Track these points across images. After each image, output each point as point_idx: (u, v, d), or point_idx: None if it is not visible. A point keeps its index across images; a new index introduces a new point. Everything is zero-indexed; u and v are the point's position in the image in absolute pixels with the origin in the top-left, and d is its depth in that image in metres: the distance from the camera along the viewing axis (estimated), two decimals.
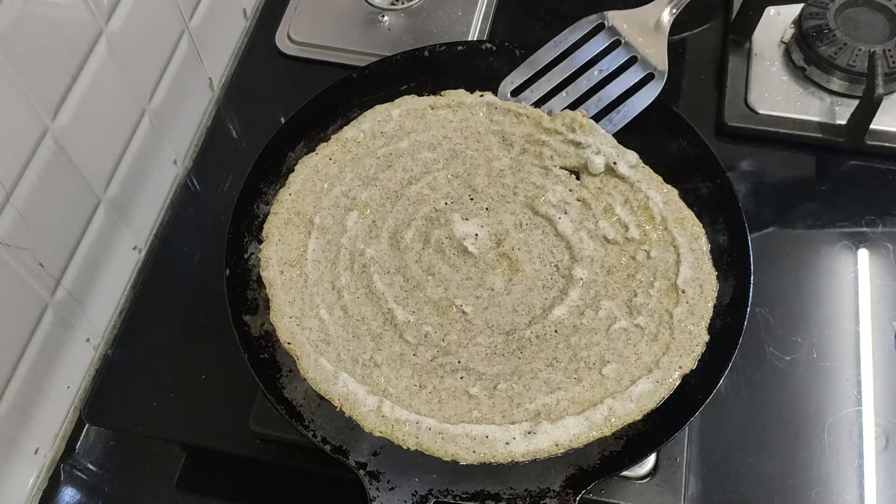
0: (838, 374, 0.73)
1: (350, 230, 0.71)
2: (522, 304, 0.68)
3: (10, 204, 0.64)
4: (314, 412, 0.63)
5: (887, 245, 0.80)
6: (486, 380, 0.64)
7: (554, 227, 0.71)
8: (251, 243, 0.70)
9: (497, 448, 0.61)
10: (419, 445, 0.61)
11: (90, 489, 0.74)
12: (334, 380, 0.64)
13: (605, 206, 0.71)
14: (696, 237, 0.69)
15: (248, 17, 0.99)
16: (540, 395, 0.63)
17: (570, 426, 0.62)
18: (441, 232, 0.71)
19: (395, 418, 0.62)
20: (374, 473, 0.60)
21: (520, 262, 0.69)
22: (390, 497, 0.59)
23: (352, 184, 0.73)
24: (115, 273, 0.81)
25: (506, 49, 0.79)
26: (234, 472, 0.74)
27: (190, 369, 0.75)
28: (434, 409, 0.63)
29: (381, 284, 0.68)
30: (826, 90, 0.86)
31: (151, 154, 0.84)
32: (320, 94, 0.76)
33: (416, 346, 0.66)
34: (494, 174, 0.74)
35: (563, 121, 0.75)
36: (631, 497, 0.66)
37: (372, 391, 0.64)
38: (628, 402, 0.63)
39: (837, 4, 0.87)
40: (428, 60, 0.79)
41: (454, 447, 0.61)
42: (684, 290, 0.67)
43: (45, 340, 0.72)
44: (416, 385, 0.64)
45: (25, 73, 0.63)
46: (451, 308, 0.67)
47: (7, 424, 0.69)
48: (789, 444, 0.70)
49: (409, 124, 0.76)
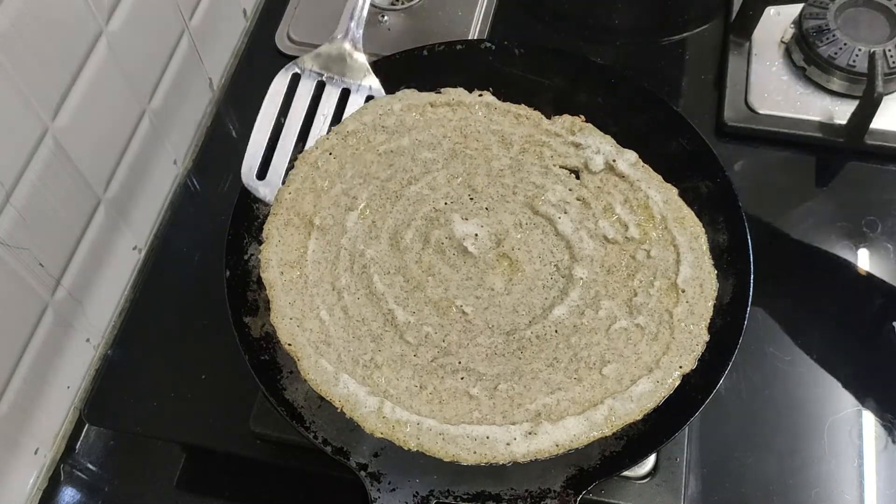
0: (838, 375, 0.73)
1: (350, 230, 0.71)
2: (523, 304, 0.68)
3: (10, 204, 0.64)
4: (315, 413, 0.63)
5: (887, 245, 0.80)
6: (486, 380, 0.64)
7: (554, 227, 0.71)
8: (251, 244, 0.70)
9: (498, 449, 0.61)
10: (420, 446, 0.61)
11: (90, 489, 0.74)
12: (335, 381, 0.64)
13: (605, 206, 0.71)
14: (695, 236, 0.69)
15: (248, 17, 0.99)
16: (540, 395, 0.63)
17: (571, 426, 0.62)
18: (441, 232, 0.71)
19: (395, 419, 0.62)
20: (375, 474, 0.60)
21: (520, 261, 0.69)
22: (391, 498, 0.59)
23: (352, 182, 0.73)
24: (115, 273, 0.81)
25: (505, 48, 0.79)
26: (234, 472, 0.74)
27: (190, 369, 0.75)
28: (435, 410, 0.63)
29: (382, 285, 0.68)
30: (826, 90, 0.86)
31: (151, 154, 0.84)
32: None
33: (417, 347, 0.66)
34: (494, 174, 0.74)
35: (562, 124, 0.75)
36: (631, 497, 0.66)
37: (372, 392, 0.64)
38: (629, 402, 0.63)
39: (837, 4, 0.87)
40: (427, 60, 0.79)
41: (455, 448, 0.61)
42: (684, 289, 0.67)
43: (45, 340, 0.72)
44: (417, 386, 0.64)
45: (25, 73, 0.63)
46: (452, 308, 0.67)
47: (7, 424, 0.69)
48: (789, 444, 0.70)
49: (410, 121, 0.76)
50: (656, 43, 0.95)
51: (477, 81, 0.78)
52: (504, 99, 0.78)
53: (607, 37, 0.96)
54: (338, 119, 0.75)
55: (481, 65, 0.79)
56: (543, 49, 0.79)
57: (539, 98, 0.77)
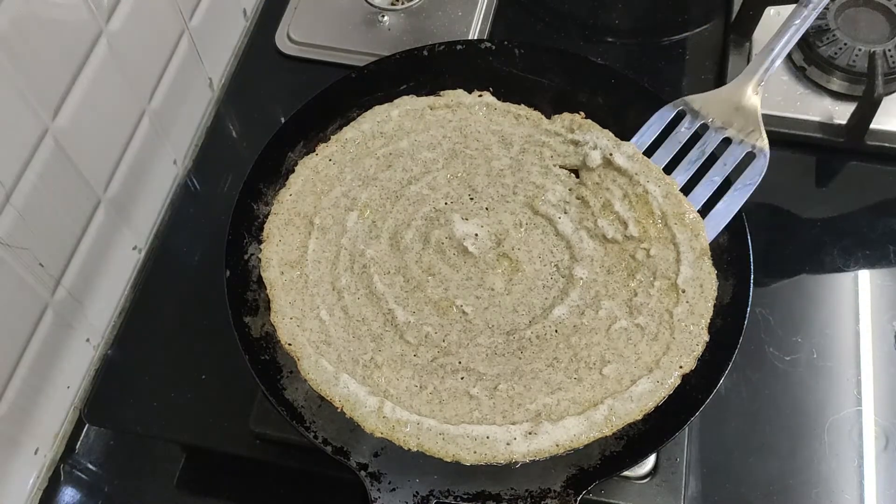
0: (838, 374, 0.73)
1: (350, 230, 0.71)
2: (523, 304, 0.68)
3: (10, 204, 0.64)
4: (315, 413, 0.63)
5: (887, 245, 0.80)
6: (486, 380, 0.64)
7: (554, 227, 0.71)
8: (251, 244, 0.70)
9: (498, 448, 0.61)
10: (420, 446, 0.61)
11: (90, 489, 0.74)
12: (335, 381, 0.64)
13: (604, 202, 0.71)
14: (696, 234, 0.69)
15: (248, 17, 0.99)
16: (540, 395, 0.63)
17: (571, 426, 0.62)
18: (441, 232, 0.71)
19: (395, 419, 0.62)
20: (375, 474, 0.60)
21: (520, 261, 0.69)
22: (392, 498, 0.59)
23: (352, 184, 0.73)
24: (115, 273, 0.81)
25: (505, 48, 0.79)
26: (234, 472, 0.74)
27: (190, 369, 0.75)
28: (435, 410, 0.63)
29: (382, 285, 0.68)
30: (826, 90, 0.86)
31: (151, 154, 0.84)
32: (319, 95, 0.76)
33: (417, 347, 0.66)
34: (494, 174, 0.74)
35: (562, 122, 0.75)
36: (631, 497, 0.66)
37: (373, 392, 0.64)
38: (629, 402, 0.63)
39: (837, 4, 0.87)
40: (427, 60, 0.79)
41: (455, 448, 0.61)
42: (684, 289, 0.67)
43: (45, 340, 0.72)
44: (417, 386, 0.64)
45: (25, 73, 0.63)
46: (452, 308, 0.67)
47: (7, 424, 0.69)
48: (789, 444, 0.70)
49: (409, 124, 0.76)
50: (656, 43, 0.95)
51: (477, 81, 0.78)
52: (504, 99, 0.78)
53: (607, 37, 0.96)
54: (709, 165, 0.70)
55: (481, 65, 0.79)
56: (543, 48, 0.79)
57: (539, 98, 0.77)
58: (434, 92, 0.78)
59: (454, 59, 0.79)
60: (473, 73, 0.78)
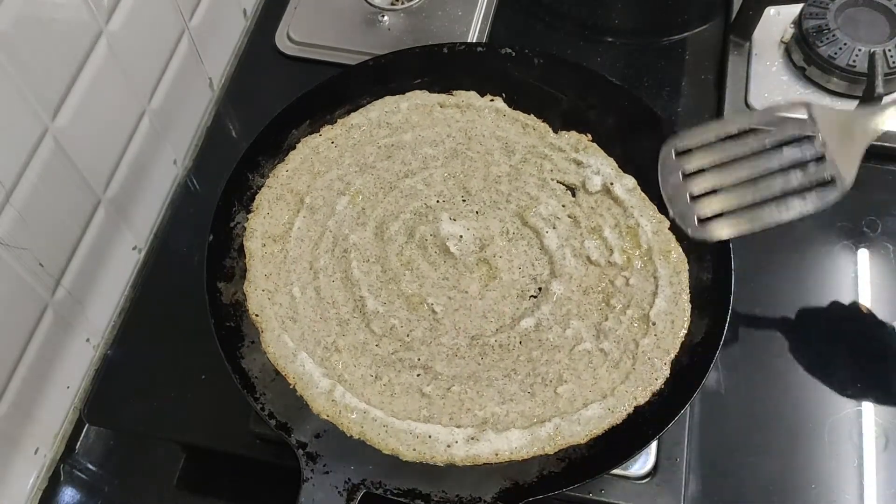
0: (838, 375, 0.73)
1: (338, 214, 0.71)
2: (493, 312, 0.68)
3: (10, 204, 0.64)
4: (267, 386, 0.64)
5: (887, 245, 0.80)
6: (441, 380, 0.64)
7: (540, 240, 0.71)
8: (239, 212, 0.71)
9: (438, 449, 0.61)
10: (362, 434, 0.62)
11: (90, 489, 0.74)
12: (293, 357, 0.65)
13: (595, 226, 0.71)
14: (678, 271, 0.68)
15: (248, 17, 0.99)
16: (491, 403, 0.63)
17: (514, 438, 0.62)
18: (427, 228, 0.71)
19: (344, 404, 0.63)
20: (312, 455, 0.61)
21: (499, 269, 0.69)
22: (323, 480, 0.59)
23: (349, 169, 0.74)
24: (114, 273, 0.82)
25: (525, 57, 0.78)
26: (234, 472, 0.74)
27: (190, 369, 0.75)
28: (385, 402, 0.64)
29: (358, 272, 0.69)
30: (826, 90, 0.86)
31: (151, 154, 0.84)
32: (333, 78, 0.76)
33: (381, 338, 0.66)
34: (491, 179, 0.74)
35: (568, 140, 0.75)
36: (631, 497, 0.66)
37: (327, 374, 0.64)
38: (576, 424, 0.62)
39: (837, 4, 0.87)
40: (445, 58, 0.79)
41: (396, 442, 0.61)
42: (655, 322, 0.66)
43: (45, 340, 0.72)
44: (373, 376, 0.65)
45: (25, 73, 0.63)
46: (422, 305, 0.68)
47: (7, 424, 0.69)
48: (789, 444, 0.70)
49: (416, 118, 0.76)
50: (656, 43, 0.95)
51: (491, 86, 0.78)
52: (515, 107, 0.77)
53: (607, 37, 0.96)
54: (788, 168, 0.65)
55: (498, 70, 0.78)
56: (563, 61, 0.79)
57: (550, 110, 0.77)
58: (447, 90, 0.78)
59: (472, 61, 0.79)
60: (489, 76, 0.78)
